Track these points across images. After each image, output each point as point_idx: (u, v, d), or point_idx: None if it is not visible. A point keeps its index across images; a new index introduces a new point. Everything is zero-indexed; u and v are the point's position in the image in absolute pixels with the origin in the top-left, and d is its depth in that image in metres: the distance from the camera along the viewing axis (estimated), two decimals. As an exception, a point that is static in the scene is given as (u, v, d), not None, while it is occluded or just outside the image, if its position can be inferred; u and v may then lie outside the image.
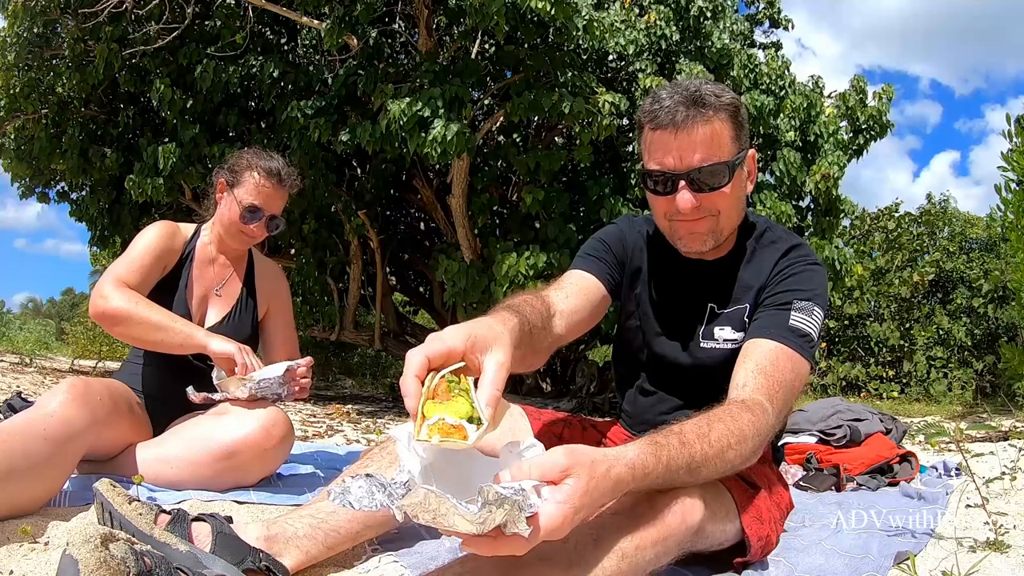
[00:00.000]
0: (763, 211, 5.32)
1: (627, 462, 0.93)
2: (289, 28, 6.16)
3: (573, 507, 0.83)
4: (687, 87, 1.25)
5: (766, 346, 1.24)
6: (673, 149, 1.24)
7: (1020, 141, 4.32)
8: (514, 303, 1.20)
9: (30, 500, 1.39)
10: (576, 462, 0.86)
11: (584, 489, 0.85)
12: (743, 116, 1.29)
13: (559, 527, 0.82)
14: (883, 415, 2.61)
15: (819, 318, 1.28)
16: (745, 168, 1.31)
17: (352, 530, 1.21)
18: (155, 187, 5.35)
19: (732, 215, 1.32)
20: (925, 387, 9.45)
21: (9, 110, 5.94)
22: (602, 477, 0.88)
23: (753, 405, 1.13)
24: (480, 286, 5.04)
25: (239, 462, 1.69)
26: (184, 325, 1.80)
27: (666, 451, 0.99)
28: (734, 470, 1.11)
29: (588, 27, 4.81)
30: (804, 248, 1.38)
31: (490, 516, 0.76)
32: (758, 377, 1.19)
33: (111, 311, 1.75)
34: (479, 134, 4.96)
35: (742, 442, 1.07)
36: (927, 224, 11.65)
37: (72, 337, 9.17)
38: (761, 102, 5.32)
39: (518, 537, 0.80)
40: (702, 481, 1.08)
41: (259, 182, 1.94)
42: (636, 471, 0.94)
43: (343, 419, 4.40)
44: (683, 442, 1.02)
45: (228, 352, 1.77)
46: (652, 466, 0.96)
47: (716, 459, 1.04)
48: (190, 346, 1.79)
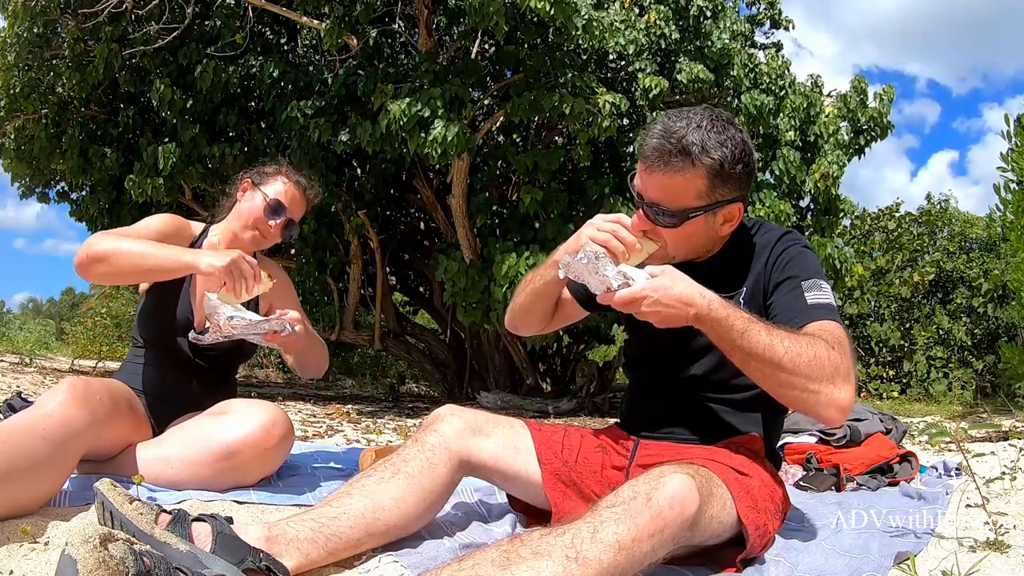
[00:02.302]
0: (763, 210, 5.32)
1: (701, 291, 1.23)
2: (289, 28, 6.16)
3: (652, 287, 1.21)
4: (677, 130, 1.30)
5: (805, 330, 1.29)
6: (641, 178, 1.36)
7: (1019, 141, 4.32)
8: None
9: (30, 500, 1.39)
10: (671, 269, 1.25)
11: (661, 284, 1.21)
12: (735, 171, 1.32)
13: (634, 295, 1.21)
14: (883, 415, 2.61)
15: (828, 290, 1.36)
16: (717, 216, 1.37)
17: (354, 536, 1.22)
18: (155, 187, 5.35)
19: (679, 249, 1.40)
20: (925, 387, 9.45)
21: (9, 110, 5.94)
22: (679, 285, 1.22)
23: (815, 338, 1.25)
24: (480, 286, 5.04)
25: (239, 462, 1.69)
26: (168, 249, 1.70)
27: (732, 311, 1.23)
28: (786, 374, 1.21)
29: (588, 27, 4.81)
30: (794, 234, 1.46)
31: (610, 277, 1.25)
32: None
33: (94, 252, 1.68)
34: (479, 134, 4.96)
35: (796, 346, 1.21)
36: (927, 224, 11.64)
37: (72, 337, 9.17)
38: (761, 102, 5.32)
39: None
40: (753, 369, 1.24)
41: (288, 185, 1.99)
42: (704, 298, 1.22)
43: (343, 419, 4.40)
44: (750, 318, 1.24)
45: (216, 269, 1.65)
46: (718, 307, 1.22)
47: (767, 347, 1.21)
48: (179, 267, 1.69)
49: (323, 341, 2.07)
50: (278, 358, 11.07)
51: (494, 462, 1.38)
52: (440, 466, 1.33)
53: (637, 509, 1.02)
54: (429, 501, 1.32)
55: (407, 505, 1.28)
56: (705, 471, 1.18)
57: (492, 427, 1.41)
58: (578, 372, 6.29)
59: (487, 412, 1.47)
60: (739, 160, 1.32)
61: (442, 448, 1.34)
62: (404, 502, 1.27)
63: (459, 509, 1.59)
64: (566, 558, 0.96)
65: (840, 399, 1.21)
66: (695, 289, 1.22)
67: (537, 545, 0.98)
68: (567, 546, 0.97)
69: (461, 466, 1.36)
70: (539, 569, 0.95)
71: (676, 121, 1.31)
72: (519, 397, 5.84)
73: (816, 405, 1.22)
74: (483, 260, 5.25)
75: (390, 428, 4.02)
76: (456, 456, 1.35)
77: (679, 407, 1.48)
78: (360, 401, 6.66)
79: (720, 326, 1.22)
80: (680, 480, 1.07)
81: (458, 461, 1.35)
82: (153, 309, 1.92)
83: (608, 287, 1.24)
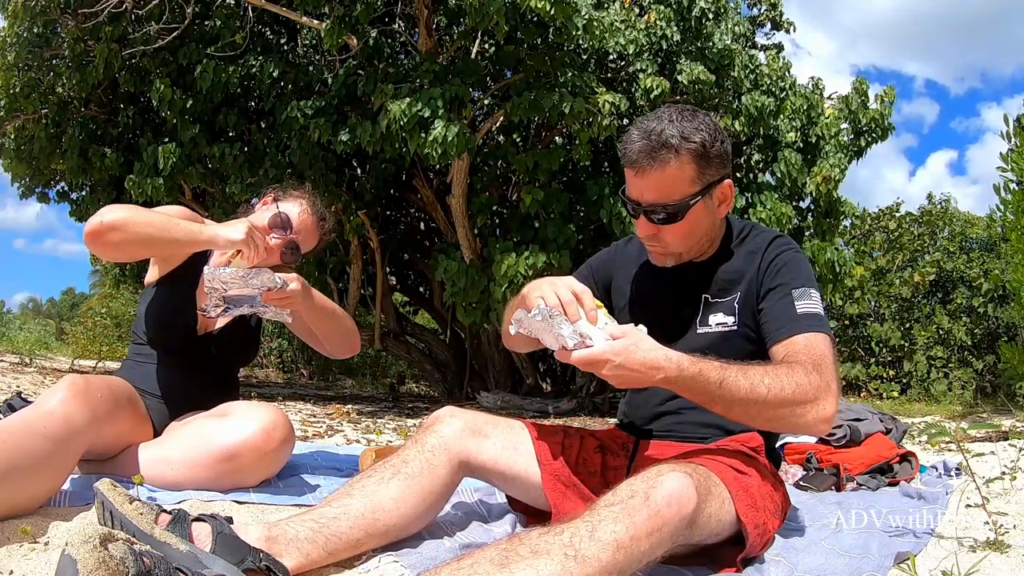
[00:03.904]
0: (763, 212, 5.32)
1: (667, 353, 1.18)
2: (289, 28, 6.16)
3: (614, 351, 1.15)
4: (654, 128, 1.35)
5: (792, 343, 1.33)
6: (635, 186, 1.39)
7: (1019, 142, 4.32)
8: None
9: (30, 499, 1.39)
10: (632, 330, 1.19)
11: (623, 347, 1.16)
12: (715, 151, 1.37)
13: (594, 357, 1.16)
14: (883, 415, 2.61)
15: (818, 298, 1.39)
16: (713, 198, 1.42)
17: (354, 537, 1.22)
18: (155, 187, 5.35)
19: (690, 242, 1.44)
20: (925, 387, 9.44)
21: (9, 110, 5.94)
22: (643, 349, 1.16)
23: (793, 364, 1.27)
24: (480, 286, 5.04)
25: (239, 464, 1.69)
26: (187, 223, 1.70)
27: (704, 364, 1.20)
28: (772, 409, 1.23)
29: (588, 27, 4.81)
30: (785, 237, 1.50)
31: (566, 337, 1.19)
32: (797, 359, 1.31)
33: (109, 220, 1.64)
34: (479, 134, 4.96)
35: (777, 381, 1.22)
36: (927, 224, 11.64)
37: (72, 337, 9.18)
38: (762, 103, 5.32)
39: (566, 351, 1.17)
40: (737, 414, 1.24)
41: (303, 208, 1.98)
42: (671, 361, 1.18)
43: (343, 419, 4.40)
44: (721, 365, 1.22)
45: (235, 243, 1.67)
46: (687, 366, 1.18)
47: (750, 391, 1.21)
48: (197, 242, 1.69)
49: (346, 313, 2.06)
50: (278, 359, 11.08)
51: (494, 463, 1.39)
52: (440, 467, 1.33)
53: (635, 508, 1.03)
54: (429, 502, 1.32)
55: (407, 506, 1.28)
56: (703, 470, 1.18)
57: (492, 428, 1.41)
58: (578, 372, 6.30)
59: (487, 414, 1.47)
60: (716, 139, 1.37)
61: (442, 449, 1.34)
62: (404, 503, 1.28)
63: (459, 509, 1.59)
64: (565, 556, 0.96)
65: (825, 414, 1.26)
66: (660, 353, 1.18)
67: (536, 544, 0.98)
68: (566, 544, 0.98)
69: (461, 467, 1.37)
70: (538, 567, 0.95)
71: (649, 123, 1.37)
72: (519, 397, 5.84)
73: (805, 427, 1.27)
74: (483, 260, 5.25)
75: (390, 428, 4.02)
76: (456, 457, 1.35)
77: (677, 406, 1.49)
78: (360, 401, 6.65)
79: (695, 383, 1.20)
80: (677, 478, 1.07)
81: (458, 462, 1.36)
82: (159, 307, 1.91)
83: (563, 346, 1.19)
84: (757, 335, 1.42)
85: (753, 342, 1.42)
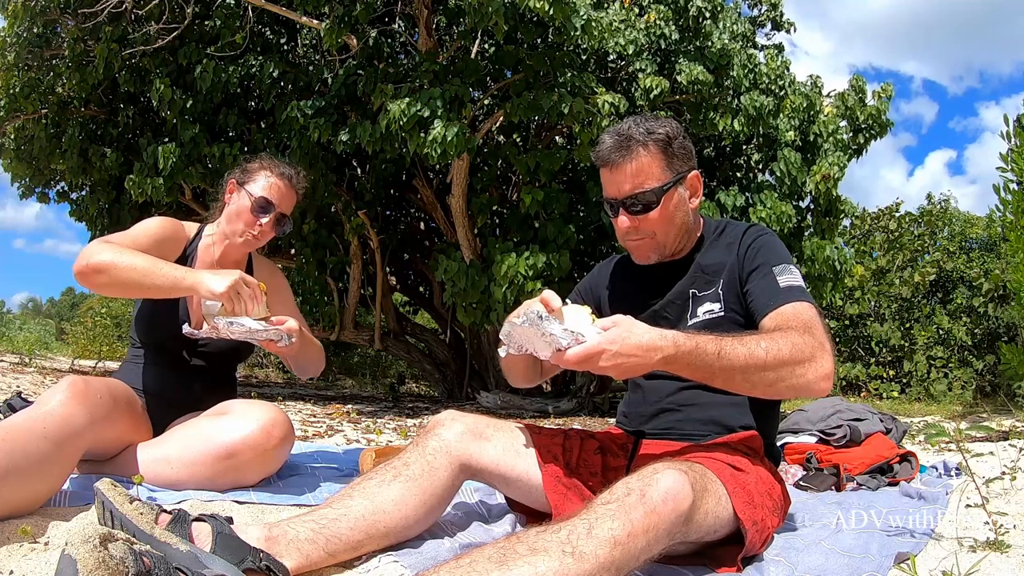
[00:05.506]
0: (763, 211, 5.32)
1: (662, 332, 1.19)
2: (289, 28, 6.16)
3: (609, 340, 1.15)
4: (622, 129, 1.47)
5: (779, 313, 1.37)
6: (611, 183, 1.48)
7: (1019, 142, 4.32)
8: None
9: (30, 499, 1.39)
10: (623, 318, 1.19)
11: (617, 335, 1.16)
12: (678, 145, 1.47)
13: (590, 351, 1.15)
14: (883, 415, 2.61)
15: (798, 274, 1.45)
16: (685, 189, 1.50)
17: (354, 539, 1.22)
18: (155, 187, 5.35)
19: (670, 231, 1.50)
20: (925, 387, 9.44)
21: (9, 110, 5.94)
22: (637, 333, 1.17)
23: (786, 329, 1.31)
24: (480, 286, 5.04)
25: (239, 463, 1.69)
26: (171, 268, 1.69)
27: (700, 337, 1.22)
28: (773, 371, 1.25)
29: (587, 27, 4.81)
30: (758, 226, 1.57)
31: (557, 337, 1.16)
32: (788, 325, 1.34)
33: (94, 263, 1.66)
34: (479, 134, 4.96)
35: (774, 344, 1.25)
36: (927, 224, 11.64)
37: (72, 337, 9.18)
38: (761, 103, 5.32)
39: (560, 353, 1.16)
40: (739, 383, 1.26)
41: (272, 179, 1.95)
42: (667, 339, 1.19)
43: (343, 419, 4.40)
44: (716, 337, 1.24)
45: (216, 295, 1.64)
46: (684, 341, 1.20)
47: (748, 356, 1.23)
48: (179, 288, 1.67)
49: (319, 343, 2.06)
50: (278, 359, 11.09)
51: (495, 466, 1.39)
52: (441, 470, 1.33)
53: (631, 505, 1.03)
54: (430, 505, 1.32)
55: (408, 508, 1.28)
56: (700, 467, 1.19)
57: (493, 431, 1.42)
58: (578, 372, 6.29)
59: (488, 417, 1.48)
60: (678, 134, 1.48)
61: (443, 452, 1.35)
62: (405, 505, 1.28)
63: (459, 509, 1.59)
64: (563, 554, 0.97)
65: (825, 370, 1.28)
66: (655, 333, 1.19)
67: (534, 542, 0.99)
68: (563, 542, 0.98)
69: (462, 470, 1.37)
70: (536, 565, 0.95)
71: (618, 127, 1.48)
72: (519, 397, 5.84)
73: (807, 386, 1.28)
74: (483, 260, 5.25)
75: (390, 428, 4.02)
76: (457, 460, 1.36)
77: (677, 403, 1.49)
78: (360, 401, 6.65)
79: (694, 357, 1.21)
80: (673, 476, 1.08)
81: (459, 465, 1.36)
82: (150, 313, 1.92)
83: (558, 347, 1.16)
84: (745, 318, 1.46)
85: (741, 326, 1.45)
